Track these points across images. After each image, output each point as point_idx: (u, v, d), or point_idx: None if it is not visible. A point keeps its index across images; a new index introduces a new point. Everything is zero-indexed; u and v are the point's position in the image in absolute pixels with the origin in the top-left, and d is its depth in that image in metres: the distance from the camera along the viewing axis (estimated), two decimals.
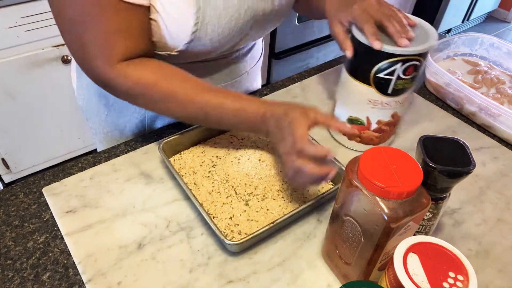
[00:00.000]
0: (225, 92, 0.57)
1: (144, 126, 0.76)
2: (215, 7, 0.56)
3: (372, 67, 0.59)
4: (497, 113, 0.76)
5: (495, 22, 3.37)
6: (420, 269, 0.38)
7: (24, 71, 1.40)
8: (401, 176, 0.41)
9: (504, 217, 0.61)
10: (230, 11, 0.58)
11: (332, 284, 0.51)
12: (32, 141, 1.58)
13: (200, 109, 0.56)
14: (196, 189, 0.60)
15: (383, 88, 0.61)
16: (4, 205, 0.59)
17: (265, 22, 0.67)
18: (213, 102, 0.56)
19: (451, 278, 0.37)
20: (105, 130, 0.80)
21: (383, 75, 0.59)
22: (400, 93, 0.62)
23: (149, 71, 0.56)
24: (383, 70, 0.59)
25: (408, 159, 0.43)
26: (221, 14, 0.58)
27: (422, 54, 0.58)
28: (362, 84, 0.62)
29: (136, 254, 0.53)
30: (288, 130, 0.51)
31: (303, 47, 2.13)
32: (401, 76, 0.59)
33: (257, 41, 0.81)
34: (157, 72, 0.56)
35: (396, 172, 0.41)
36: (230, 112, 0.56)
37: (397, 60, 0.57)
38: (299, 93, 0.83)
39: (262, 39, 0.85)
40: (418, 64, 0.59)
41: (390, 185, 0.40)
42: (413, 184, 0.40)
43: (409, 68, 0.58)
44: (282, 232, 0.57)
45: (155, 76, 0.56)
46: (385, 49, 0.56)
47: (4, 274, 0.51)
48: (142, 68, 0.56)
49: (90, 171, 0.64)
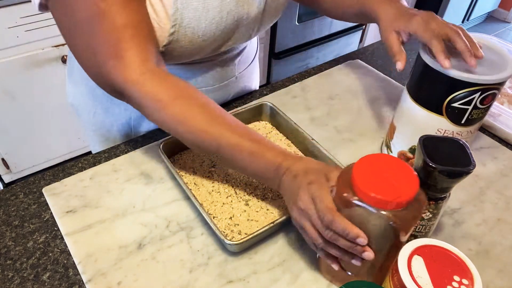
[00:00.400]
0: (244, 129, 0.52)
1: (131, 127, 0.75)
2: (194, 9, 0.55)
3: (447, 96, 0.54)
4: (497, 113, 0.76)
5: (495, 22, 3.37)
6: (424, 271, 0.38)
7: (24, 71, 1.40)
8: (398, 183, 0.40)
9: (504, 217, 0.61)
10: (210, 14, 0.57)
11: (332, 284, 0.51)
12: (32, 141, 1.58)
13: (214, 141, 0.51)
14: (196, 189, 0.60)
15: (456, 118, 0.56)
16: (4, 205, 0.59)
17: (252, 25, 0.65)
18: (228, 138, 0.50)
19: (456, 282, 0.37)
20: (94, 128, 0.79)
21: (459, 104, 0.54)
22: (474, 123, 0.57)
23: (166, 87, 0.52)
24: (459, 99, 0.53)
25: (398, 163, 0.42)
26: (201, 17, 0.56)
27: (502, 82, 0.53)
28: (432, 113, 0.57)
29: (136, 254, 0.53)
30: (306, 193, 0.45)
31: (303, 47, 2.13)
32: (478, 106, 0.54)
33: (250, 44, 0.79)
34: (174, 90, 0.52)
35: (392, 180, 0.40)
36: (245, 154, 0.50)
37: (477, 89, 0.52)
38: (299, 93, 0.83)
39: (257, 41, 0.84)
40: (497, 93, 0.54)
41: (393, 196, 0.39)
42: (413, 189, 0.40)
43: (488, 98, 0.53)
44: (282, 232, 0.56)
45: (171, 95, 0.51)
46: (463, 78, 0.51)
47: (4, 274, 0.51)
48: (159, 82, 0.52)
49: (90, 171, 0.64)
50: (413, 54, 1.00)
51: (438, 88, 0.55)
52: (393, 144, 0.65)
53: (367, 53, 1.00)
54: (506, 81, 0.54)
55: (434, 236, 0.57)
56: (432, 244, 0.40)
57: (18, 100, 1.45)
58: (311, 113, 0.78)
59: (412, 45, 1.04)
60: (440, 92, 0.55)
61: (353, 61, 0.94)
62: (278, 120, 0.72)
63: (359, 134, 0.74)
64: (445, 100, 0.55)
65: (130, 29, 0.51)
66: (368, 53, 0.99)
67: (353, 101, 0.82)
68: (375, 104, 0.81)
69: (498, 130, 0.76)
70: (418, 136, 0.46)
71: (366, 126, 0.76)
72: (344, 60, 0.95)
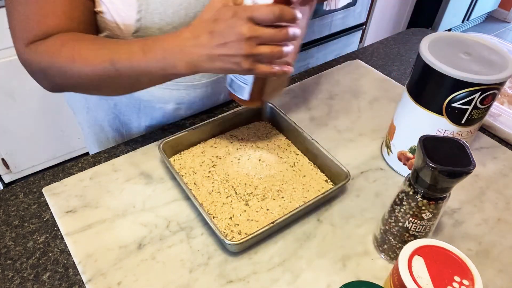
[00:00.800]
0: (130, 40, 0.53)
1: (121, 122, 0.75)
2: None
3: (447, 96, 0.54)
4: (497, 113, 0.76)
5: (495, 22, 3.37)
6: (425, 272, 0.38)
7: (24, 71, 1.40)
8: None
9: (504, 217, 0.61)
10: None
11: (332, 284, 0.51)
12: (32, 141, 1.58)
13: (107, 57, 0.51)
14: (196, 189, 0.60)
15: (456, 118, 0.56)
16: (4, 205, 0.59)
17: None
18: (118, 49, 0.51)
19: (456, 283, 0.37)
20: (88, 125, 0.80)
21: (459, 104, 0.54)
22: (473, 123, 0.57)
23: (55, 38, 0.53)
24: (459, 99, 0.54)
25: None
26: (168, 2, 0.55)
27: (502, 82, 0.53)
28: (432, 113, 0.57)
29: (136, 254, 0.53)
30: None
31: (303, 47, 2.13)
32: (478, 106, 0.54)
33: None
34: (63, 38, 0.53)
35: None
36: (138, 50, 0.50)
37: (477, 89, 0.52)
38: (299, 93, 0.83)
39: None
40: (497, 92, 0.54)
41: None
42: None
43: (488, 98, 0.54)
44: (282, 232, 0.56)
45: (60, 41, 0.52)
46: (463, 78, 0.51)
47: (4, 274, 0.51)
48: (50, 38, 0.53)
49: (90, 171, 0.64)
50: (413, 54, 1.00)
51: (438, 88, 0.55)
52: (393, 144, 0.66)
53: (367, 53, 1.00)
54: (506, 81, 0.54)
55: (434, 236, 0.57)
56: (432, 244, 0.40)
57: (18, 100, 1.45)
58: (311, 113, 0.78)
59: (412, 45, 1.04)
60: (440, 92, 0.55)
61: (353, 61, 0.94)
62: (278, 120, 0.72)
63: (359, 134, 0.74)
64: (445, 100, 0.55)
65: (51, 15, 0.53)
66: (368, 53, 0.99)
67: (353, 101, 0.82)
68: (375, 104, 0.81)
69: (498, 130, 0.76)
70: (418, 136, 0.46)
71: (366, 126, 0.76)
72: (344, 60, 0.95)
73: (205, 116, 0.75)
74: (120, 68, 0.51)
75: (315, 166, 0.65)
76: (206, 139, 0.69)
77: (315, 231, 0.57)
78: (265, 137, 0.70)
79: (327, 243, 0.55)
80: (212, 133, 0.69)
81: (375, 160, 0.69)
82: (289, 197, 0.60)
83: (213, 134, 0.69)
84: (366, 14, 2.29)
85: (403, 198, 0.49)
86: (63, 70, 0.53)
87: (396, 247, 0.52)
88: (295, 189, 0.61)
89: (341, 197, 0.62)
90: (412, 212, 0.48)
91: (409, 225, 0.49)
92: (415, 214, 0.48)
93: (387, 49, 1.02)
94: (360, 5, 2.18)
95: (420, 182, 0.46)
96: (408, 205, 0.48)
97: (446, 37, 0.60)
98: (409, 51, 1.02)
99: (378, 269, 0.53)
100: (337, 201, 0.61)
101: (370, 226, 0.58)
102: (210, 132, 0.69)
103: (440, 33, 0.61)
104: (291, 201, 0.59)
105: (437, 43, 0.58)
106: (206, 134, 0.68)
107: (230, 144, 0.68)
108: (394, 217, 0.50)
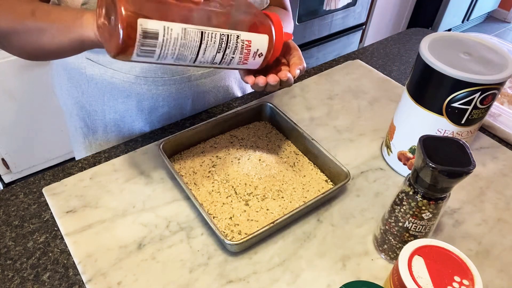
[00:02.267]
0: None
1: (87, 113, 0.75)
2: None
3: (447, 96, 0.54)
4: (497, 113, 0.76)
5: (495, 22, 3.37)
6: (425, 272, 0.38)
7: (24, 71, 1.40)
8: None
9: (504, 217, 0.61)
10: None
11: (332, 284, 0.51)
12: (32, 141, 1.58)
13: (27, 8, 0.52)
14: (196, 189, 0.60)
15: (456, 118, 0.56)
16: (4, 205, 0.59)
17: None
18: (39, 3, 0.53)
19: (456, 283, 0.37)
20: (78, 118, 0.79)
21: (459, 104, 0.54)
22: (473, 123, 0.57)
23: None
24: (459, 99, 0.54)
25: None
26: None
27: (502, 82, 0.53)
28: (432, 113, 0.57)
29: (136, 254, 0.53)
30: None
31: (303, 47, 2.13)
32: (478, 106, 0.54)
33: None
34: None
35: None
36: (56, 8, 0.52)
37: (477, 89, 0.52)
38: (299, 93, 0.83)
39: None
40: (497, 93, 0.54)
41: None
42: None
43: (488, 98, 0.54)
44: (282, 232, 0.57)
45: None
46: (463, 78, 0.51)
47: (4, 274, 0.51)
48: None
49: (90, 171, 0.64)
50: (413, 54, 1.00)
51: (438, 88, 0.55)
52: (393, 144, 0.66)
53: (367, 53, 1.00)
54: (506, 81, 0.54)
55: (434, 236, 0.57)
56: (433, 244, 0.40)
57: (18, 100, 1.45)
58: (311, 113, 0.78)
59: (412, 45, 1.04)
60: (440, 92, 0.55)
61: (353, 61, 0.94)
62: (278, 120, 0.72)
63: (359, 134, 0.74)
64: (445, 100, 0.55)
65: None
66: (368, 53, 0.99)
67: (353, 101, 0.82)
68: (375, 104, 0.81)
69: (498, 130, 0.76)
70: (418, 136, 0.46)
71: (366, 126, 0.76)
72: (344, 60, 0.95)
73: (205, 116, 0.75)
74: (38, 14, 0.52)
75: (315, 166, 0.65)
76: (206, 139, 0.69)
77: (315, 231, 0.57)
78: (265, 137, 0.70)
79: (327, 243, 0.55)
80: (212, 133, 0.69)
81: (375, 160, 0.69)
82: (289, 197, 0.60)
83: (213, 134, 0.69)
84: (366, 14, 2.29)
85: (403, 198, 0.49)
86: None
87: (396, 247, 0.52)
88: (295, 189, 0.61)
89: (341, 197, 0.62)
90: (412, 212, 0.48)
91: (409, 225, 0.49)
92: (415, 214, 0.48)
93: (387, 49, 1.02)
94: (360, 5, 2.18)
95: (420, 182, 0.46)
96: (408, 205, 0.48)
97: (446, 37, 0.60)
98: (409, 51, 1.02)
99: (378, 269, 0.53)
100: (337, 201, 0.61)
101: (370, 226, 0.58)
102: (210, 132, 0.69)
103: (440, 33, 0.61)
104: (291, 201, 0.59)
105: (437, 43, 0.58)
106: (206, 134, 0.68)
107: (230, 144, 0.68)
108: (394, 217, 0.50)
